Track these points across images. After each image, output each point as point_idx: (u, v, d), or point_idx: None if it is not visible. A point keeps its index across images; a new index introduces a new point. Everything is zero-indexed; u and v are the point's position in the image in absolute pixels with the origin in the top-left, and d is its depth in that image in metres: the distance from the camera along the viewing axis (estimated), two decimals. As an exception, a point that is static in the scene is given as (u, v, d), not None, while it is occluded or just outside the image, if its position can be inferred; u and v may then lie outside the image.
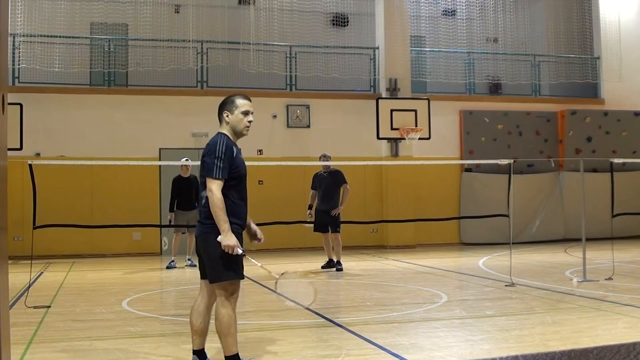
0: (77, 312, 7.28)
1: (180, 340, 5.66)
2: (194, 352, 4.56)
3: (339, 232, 11.15)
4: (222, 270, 4.25)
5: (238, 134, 4.47)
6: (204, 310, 4.50)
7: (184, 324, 6.60)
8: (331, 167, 11.45)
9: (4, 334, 2.83)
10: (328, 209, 11.14)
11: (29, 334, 5.88)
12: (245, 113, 4.43)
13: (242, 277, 4.35)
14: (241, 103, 4.44)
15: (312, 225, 11.35)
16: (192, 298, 8.72)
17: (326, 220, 11.16)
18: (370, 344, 5.29)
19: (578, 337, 5.35)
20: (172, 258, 12.15)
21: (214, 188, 4.20)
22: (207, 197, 4.29)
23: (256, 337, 5.59)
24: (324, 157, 11.36)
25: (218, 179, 4.21)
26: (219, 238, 4.18)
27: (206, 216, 4.32)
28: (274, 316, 6.84)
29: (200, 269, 4.53)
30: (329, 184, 11.21)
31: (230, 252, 4.17)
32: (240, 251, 4.19)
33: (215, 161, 4.22)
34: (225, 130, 4.45)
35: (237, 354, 4.33)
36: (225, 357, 4.33)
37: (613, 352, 4.72)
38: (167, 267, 11.99)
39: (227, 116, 4.43)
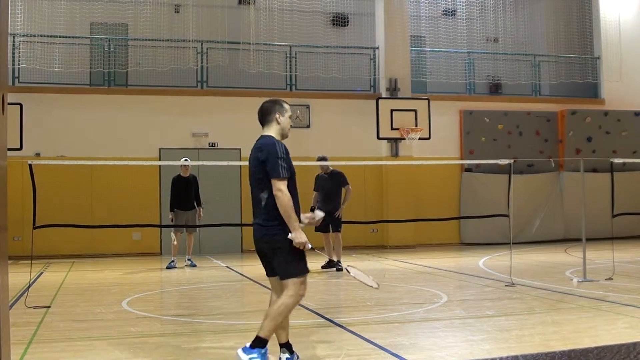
0: (77, 312, 7.27)
1: (181, 340, 5.66)
2: (281, 345, 4.66)
3: (340, 231, 11.17)
4: (293, 267, 4.42)
5: (284, 135, 4.64)
6: None
7: (184, 324, 6.61)
8: (331, 168, 11.45)
9: (4, 334, 2.83)
10: (330, 210, 11.14)
11: (29, 334, 5.87)
12: (291, 117, 4.69)
13: (308, 270, 4.53)
14: (288, 107, 4.68)
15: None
16: (192, 298, 8.78)
17: (327, 220, 11.15)
18: (370, 344, 5.29)
19: (578, 337, 5.35)
20: (172, 258, 12.15)
21: (284, 188, 4.35)
22: (267, 199, 4.41)
23: (256, 337, 5.58)
24: (321, 159, 11.33)
25: (284, 178, 4.36)
26: (290, 235, 4.35)
27: (267, 218, 4.43)
28: (274, 316, 6.82)
29: (265, 268, 4.64)
30: (329, 186, 11.23)
31: (302, 248, 4.37)
32: (310, 246, 4.40)
33: (279, 161, 4.36)
34: (273, 132, 4.58)
35: (267, 341, 4.42)
36: (257, 336, 4.41)
37: (613, 352, 4.72)
38: (167, 267, 11.99)
39: (279, 117, 4.59)
